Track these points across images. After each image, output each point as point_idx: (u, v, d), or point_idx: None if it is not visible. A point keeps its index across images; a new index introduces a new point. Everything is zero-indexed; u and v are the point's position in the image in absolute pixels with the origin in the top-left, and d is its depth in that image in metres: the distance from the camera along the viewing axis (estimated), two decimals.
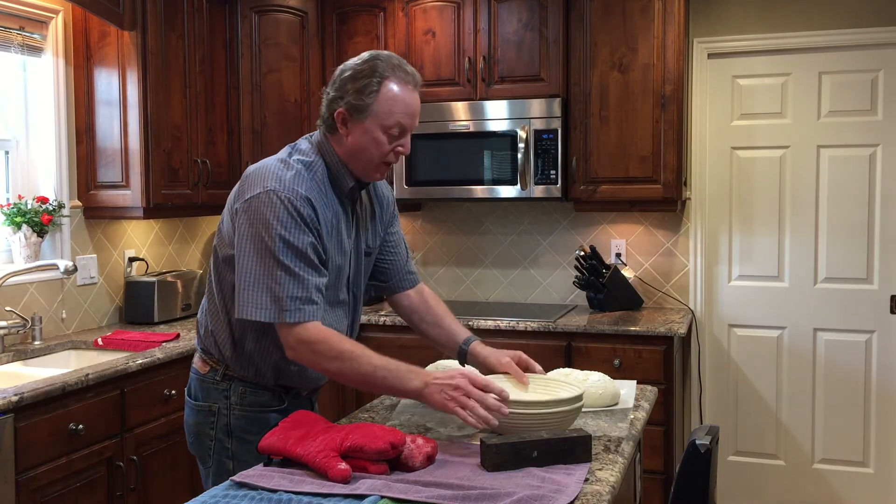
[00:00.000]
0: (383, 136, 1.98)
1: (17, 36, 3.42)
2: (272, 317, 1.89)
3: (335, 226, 2.02)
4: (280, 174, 1.95)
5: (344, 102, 1.99)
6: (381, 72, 1.96)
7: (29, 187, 3.57)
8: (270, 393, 2.10)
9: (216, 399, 2.10)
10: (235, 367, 2.08)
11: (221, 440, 2.09)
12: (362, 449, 1.73)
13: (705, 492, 2.14)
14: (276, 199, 1.90)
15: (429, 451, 1.79)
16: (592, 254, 4.01)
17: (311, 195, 1.95)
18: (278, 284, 1.89)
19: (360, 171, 2.04)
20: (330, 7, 4.29)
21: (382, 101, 1.96)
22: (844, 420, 4.02)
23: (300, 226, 1.91)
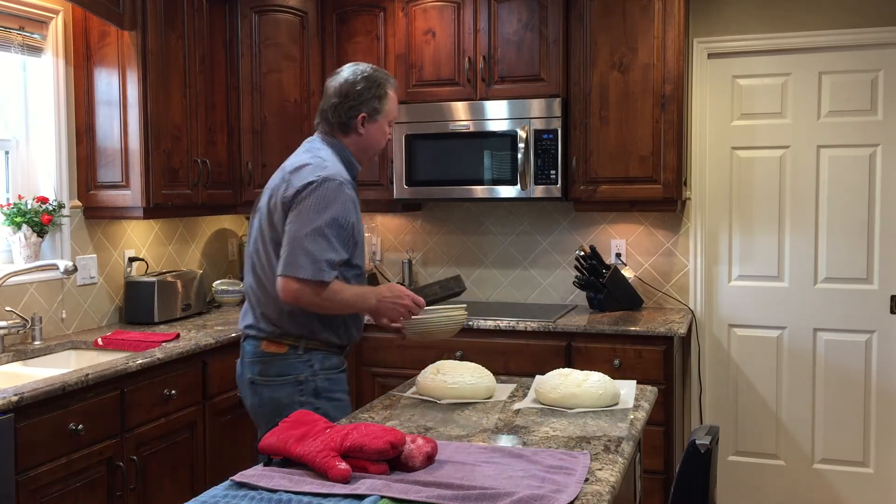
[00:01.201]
0: (388, 128, 2.60)
1: (17, 36, 3.42)
2: (316, 274, 2.32)
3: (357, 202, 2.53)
4: (330, 168, 2.43)
5: (365, 108, 2.52)
6: (384, 82, 2.55)
7: (29, 187, 3.57)
8: (336, 356, 2.52)
9: (301, 370, 2.45)
10: (322, 334, 2.47)
11: (312, 402, 2.42)
12: (362, 449, 1.73)
13: (705, 492, 2.14)
14: (332, 183, 2.38)
15: (429, 451, 1.79)
16: (592, 254, 4.02)
17: (349, 180, 2.46)
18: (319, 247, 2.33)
19: (367, 159, 2.63)
20: (330, 7, 4.29)
21: (389, 104, 2.57)
22: (844, 420, 4.02)
23: (348, 207, 2.40)
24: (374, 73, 2.54)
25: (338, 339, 2.51)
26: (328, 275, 2.33)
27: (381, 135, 2.58)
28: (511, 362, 3.73)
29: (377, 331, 3.91)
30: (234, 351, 3.57)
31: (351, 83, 2.51)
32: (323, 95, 2.60)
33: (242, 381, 2.59)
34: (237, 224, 4.76)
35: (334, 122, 2.52)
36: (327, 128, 2.54)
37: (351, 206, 2.42)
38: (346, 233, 2.39)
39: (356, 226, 2.45)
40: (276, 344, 2.47)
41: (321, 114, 2.57)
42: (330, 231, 2.35)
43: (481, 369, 2.47)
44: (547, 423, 2.16)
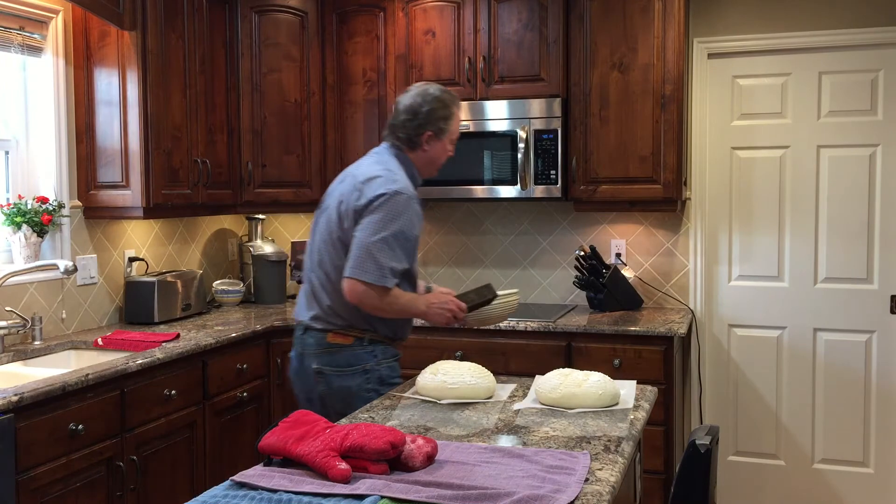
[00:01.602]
0: (450, 146, 2.81)
1: (17, 36, 3.42)
2: (379, 280, 2.54)
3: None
4: (399, 182, 2.64)
5: (432, 127, 2.74)
6: (450, 103, 2.78)
7: (29, 187, 3.57)
8: (393, 347, 2.78)
9: (367, 360, 2.69)
10: (382, 330, 2.71)
11: (378, 389, 2.67)
12: (362, 449, 1.73)
13: (705, 492, 2.14)
14: (401, 197, 2.59)
15: (429, 451, 1.79)
16: (592, 254, 4.02)
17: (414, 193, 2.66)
18: (384, 257, 2.54)
19: (428, 173, 2.82)
20: (330, 7, 4.29)
21: (453, 124, 2.79)
22: (844, 420, 4.02)
23: (414, 220, 2.62)
24: (442, 95, 2.76)
25: (393, 334, 2.76)
26: (390, 281, 2.55)
27: (442, 152, 2.79)
28: (511, 362, 3.73)
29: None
30: (233, 351, 3.58)
31: (419, 103, 2.73)
32: (394, 111, 2.80)
33: (304, 371, 2.77)
34: (237, 224, 4.76)
35: (402, 138, 2.74)
36: (395, 142, 2.76)
37: (416, 220, 2.63)
38: (410, 245, 2.62)
39: (418, 237, 2.68)
40: (342, 336, 2.70)
41: (390, 128, 2.78)
42: (396, 242, 2.56)
43: (481, 369, 2.47)
44: (547, 423, 2.16)
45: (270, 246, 4.52)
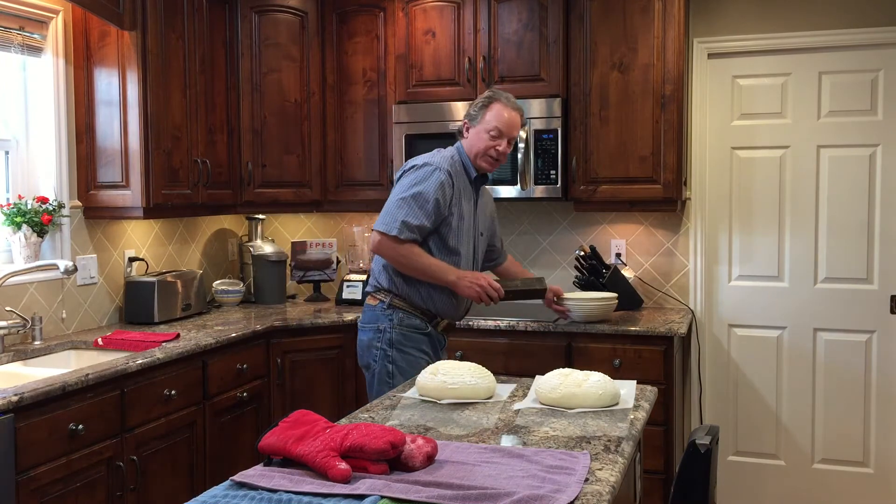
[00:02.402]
0: (487, 136, 3.02)
1: (17, 36, 3.42)
2: (391, 230, 2.90)
3: (463, 197, 3.02)
4: (433, 158, 3.01)
5: (468, 116, 3.07)
6: (491, 96, 3.05)
7: (29, 187, 3.57)
8: (420, 319, 3.03)
9: (382, 321, 3.02)
10: (415, 299, 3.01)
11: (385, 350, 3.00)
12: (362, 449, 1.73)
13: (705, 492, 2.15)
14: (428, 167, 2.96)
15: (429, 451, 1.79)
16: (592, 254, 4.01)
17: (451, 169, 2.97)
18: (399, 211, 2.91)
19: (474, 159, 3.04)
20: (330, 7, 4.30)
21: (488, 113, 3.02)
22: (844, 420, 4.02)
23: (434, 186, 2.91)
24: (489, 92, 3.10)
25: (420, 301, 3.01)
26: (401, 232, 2.89)
27: (478, 139, 3.02)
28: (511, 362, 3.73)
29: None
30: (233, 351, 3.58)
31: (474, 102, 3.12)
32: None
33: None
34: (237, 224, 4.76)
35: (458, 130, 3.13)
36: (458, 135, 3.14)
37: (437, 187, 2.91)
38: (429, 205, 2.90)
39: (441, 203, 2.92)
40: (373, 297, 3.08)
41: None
42: (414, 201, 2.91)
43: (481, 369, 2.47)
44: (547, 423, 2.16)
45: (270, 246, 4.52)
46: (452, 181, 2.97)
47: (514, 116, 3.04)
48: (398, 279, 3.02)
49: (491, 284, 2.99)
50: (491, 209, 3.33)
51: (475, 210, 3.12)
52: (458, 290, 2.97)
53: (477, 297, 2.97)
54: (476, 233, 3.14)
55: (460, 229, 3.02)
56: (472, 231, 3.10)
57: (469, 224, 3.07)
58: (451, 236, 3.00)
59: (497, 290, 2.99)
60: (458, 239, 3.02)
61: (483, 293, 2.96)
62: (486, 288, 2.96)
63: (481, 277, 2.98)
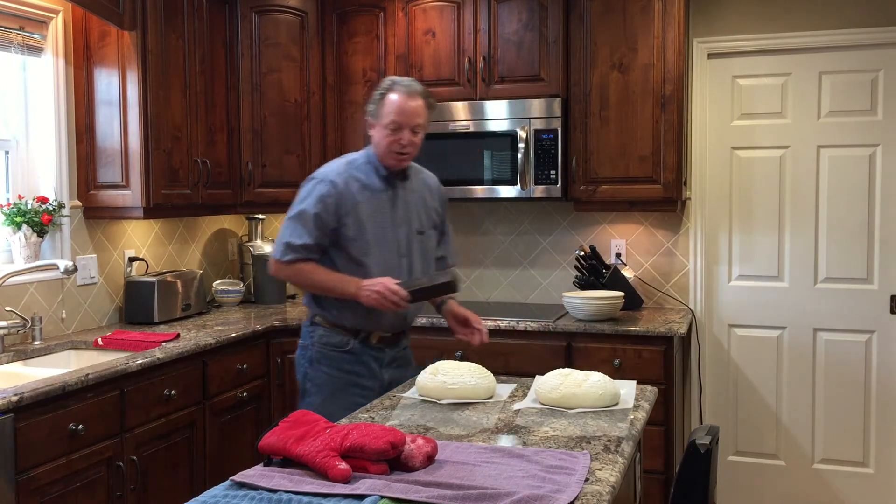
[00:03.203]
0: (385, 130, 2.76)
1: (17, 36, 3.42)
2: (276, 254, 2.79)
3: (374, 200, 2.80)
4: (323, 169, 2.84)
5: (366, 114, 2.82)
6: (387, 89, 2.76)
7: (29, 187, 3.57)
8: (342, 336, 2.82)
9: (306, 338, 2.90)
10: (329, 316, 2.83)
11: (306, 367, 2.87)
12: (362, 449, 1.73)
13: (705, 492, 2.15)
14: (311, 182, 2.80)
15: (429, 451, 1.79)
16: (592, 254, 4.01)
17: (337, 178, 2.77)
18: (283, 234, 2.78)
19: (381, 158, 2.81)
20: (330, 7, 4.29)
21: (385, 107, 2.76)
22: (844, 420, 4.02)
23: (313, 200, 2.74)
24: (386, 81, 2.82)
25: (333, 317, 2.83)
26: (283, 255, 2.77)
27: (379, 136, 2.78)
28: (511, 362, 3.73)
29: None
30: (233, 351, 3.58)
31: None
32: None
33: None
34: (237, 224, 4.76)
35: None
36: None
37: (316, 201, 2.74)
38: (310, 222, 2.74)
39: (323, 216, 2.74)
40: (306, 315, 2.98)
41: None
42: (296, 220, 2.76)
43: (481, 370, 2.47)
44: (547, 424, 2.16)
45: (270, 246, 4.52)
46: (339, 189, 2.75)
47: (413, 102, 2.75)
48: (312, 296, 2.87)
49: (389, 288, 2.64)
50: (434, 203, 2.99)
51: (394, 209, 2.83)
52: (361, 300, 2.69)
53: (378, 305, 2.66)
54: (402, 234, 2.84)
55: (363, 237, 2.77)
56: (392, 233, 2.82)
57: (383, 228, 2.80)
58: (352, 247, 2.77)
59: (397, 293, 2.65)
60: (364, 248, 2.78)
61: (382, 299, 2.65)
62: (384, 293, 2.64)
63: (379, 283, 2.66)
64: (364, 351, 2.83)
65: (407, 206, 2.86)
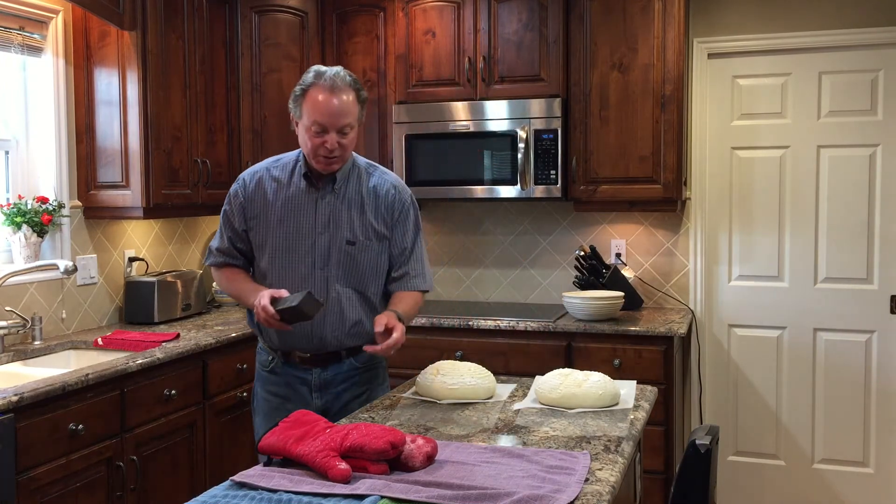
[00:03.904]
0: (308, 133, 2.41)
1: (17, 36, 3.42)
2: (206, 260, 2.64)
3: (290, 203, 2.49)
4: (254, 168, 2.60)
5: (290, 110, 2.47)
6: (309, 84, 2.40)
7: (29, 187, 3.57)
8: (266, 355, 2.59)
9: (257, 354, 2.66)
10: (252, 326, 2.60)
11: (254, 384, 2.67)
12: (362, 449, 1.73)
13: (705, 492, 2.14)
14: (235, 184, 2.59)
15: (429, 451, 1.79)
16: (592, 254, 4.01)
17: (250, 176, 2.55)
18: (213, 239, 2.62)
19: (309, 161, 2.48)
20: (330, 7, 4.29)
21: (305, 106, 2.40)
22: (844, 420, 4.02)
23: (227, 199, 2.57)
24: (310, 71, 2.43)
25: (260, 334, 2.60)
26: (207, 259, 2.64)
27: (304, 138, 2.43)
28: (511, 362, 3.73)
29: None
30: (233, 351, 3.58)
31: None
32: None
33: None
34: None
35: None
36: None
37: (228, 200, 2.57)
38: (223, 222, 2.59)
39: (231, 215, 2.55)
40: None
41: None
42: (220, 221, 2.62)
43: (481, 370, 2.47)
44: (547, 423, 2.16)
45: None
46: (248, 189, 2.51)
47: (337, 100, 2.36)
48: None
49: (260, 304, 2.30)
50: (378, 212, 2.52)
51: (315, 214, 2.47)
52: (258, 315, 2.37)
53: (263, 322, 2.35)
54: (323, 243, 2.46)
55: (269, 244, 2.49)
56: (309, 242, 2.46)
57: (298, 235, 2.47)
58: (258, 253, 2.53)
59: (264, 311, 2.29)
60: (269, 255, 2.49)
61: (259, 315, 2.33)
62: (257, 311, 2.33)
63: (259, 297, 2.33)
64: (287, 372, 2.54)
65: (334, 211, 2.47)
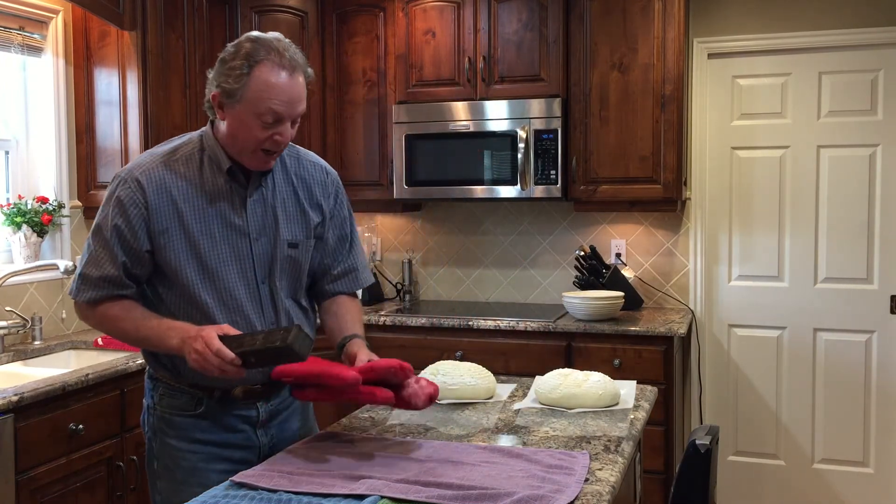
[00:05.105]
0: (255, 122, 1.88)
1: (17, 36, 3.42)
2: (72, 292, 1.97)
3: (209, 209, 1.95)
4: (137, 159, 2.00)
5: (216, 86, 1.91)
6: (255, 55, 1.85)
7: (29, 187, 3.57)
8: (188, 396, 2.00)
9: (147, 397, 2.08)
10: (155, 365, 2.04)
11: (150, 438, 2.07)
12: (373, 368, 1.87)
13: (705, 492, 2.14)
14: (114, 181, 1.96)
15: (431, 392, 1.93)
16: (592, 254, 4.01)
17: (145, 176, 1.92)
18: (81, 262, 1.96)
19: (236, 156, 1.95)
20: (330, 7, 4.29)
21: (253, 86, 1.85)
22: (844, 420, 4.02)
23: (111, 209, 1.92)
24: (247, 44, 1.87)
25: (173, 373, 2.00)
26: (81, 293, 1.93)
27: (241, 128, 1.89)
28: (511, 362, 3.73)
29: (377, 331, 3.91)
30: None
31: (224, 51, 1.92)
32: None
33: None
34: None
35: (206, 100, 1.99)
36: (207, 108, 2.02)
37: (115, 209, 1.91)
38: (110, 242, 1.90)
39: (124, 230, 1.90)
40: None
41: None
42: (92, 239, 1.94)
43: (481, 370, 2.47)
44: (547, 423, 2.16)
45: None
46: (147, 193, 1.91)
47: (295, 83, 1.88)
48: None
49: (211, 348, 1.77)
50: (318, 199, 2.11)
51: (244, 215, 1.98)
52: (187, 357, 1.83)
53: (203, 370, 1.80)
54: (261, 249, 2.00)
55: (194, 262, 1.93)
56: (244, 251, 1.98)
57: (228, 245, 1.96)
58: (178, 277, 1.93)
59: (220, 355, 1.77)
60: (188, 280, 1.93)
61: (203, 362, 1.78)
62: (204, 354, 1.78)
63: (200, 338, 1.80)
64: (224, 413, 2.00)
65: (267, 208, 2.01)
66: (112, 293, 1.93)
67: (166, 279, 1.95)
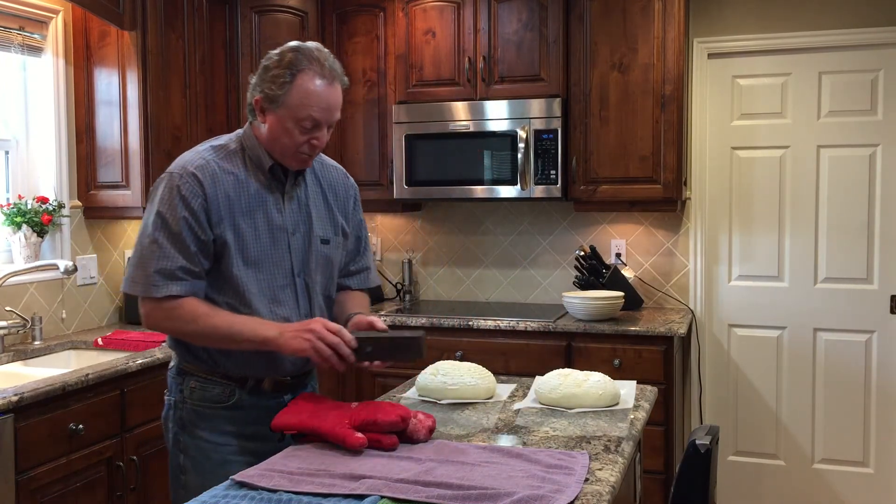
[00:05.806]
0: (295, 127, 2.02)
1: (17, 36, 3.42)
2: (142, 291, 1.99)
3: (253, 203, 2.07)
4: (183, 157, 2.08)
5: (260, 91, 2.04)
6: (297, 64, 2.00)
7: (29, 187, 3.57)
8: (221, 387, 2.09)
9: (173, 392, 2.15)
10: (187, 357, 2.11)
11: (177, 433, 2.13)
12: (375, 422, 1.88)
13: (705, 492, 2.14)
14: (168, 177, 2.03)
15: (430, 424, 1.97)
16: (592, 254, 4.01)
17: (200, 171, 2.02)
18: (149, 259, 1.98)
19: (278, 156, 2.09)
20: (330, 7, 4.29)
21: (294, 93, 2.00)
22: (844, 420, 4.02)
23: (176, 202, 1.99)
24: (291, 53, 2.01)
25: (208, 364, 2.08)
26: (160, 289, 1.95)
27: (282, 131, 2.03)
28: (511, 362, 3.73)
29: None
30: None
31: (265, 58, 2.06)
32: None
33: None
34: None
35: (248, 104, 2.11)
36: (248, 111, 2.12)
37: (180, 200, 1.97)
38: (181, 232, 1.96)
39: (193, 224, 1.97)
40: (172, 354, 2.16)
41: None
42: (159, 235, 1.96)
43: (481, 370, 2.47)
44: (547, 423, 2.16)
45: None
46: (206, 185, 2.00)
47: (334, 90, 2.03)
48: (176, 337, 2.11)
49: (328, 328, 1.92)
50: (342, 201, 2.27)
51: (283, 212, 2.11)
52: (284, 348, 1.95)
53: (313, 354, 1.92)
54: (297, 244, 2.12)
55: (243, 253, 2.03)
56: (283, 245, 2.10)
57: (271, 239, 2.08)
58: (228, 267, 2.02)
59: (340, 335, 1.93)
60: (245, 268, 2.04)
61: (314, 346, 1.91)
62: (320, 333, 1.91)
63: (317, 322, 1.95)
64: (255, 404, 2.10)
65: (301, 206, 2.15)
66: (193, 288, 1.99)
67: (211, 269, 2.03)
